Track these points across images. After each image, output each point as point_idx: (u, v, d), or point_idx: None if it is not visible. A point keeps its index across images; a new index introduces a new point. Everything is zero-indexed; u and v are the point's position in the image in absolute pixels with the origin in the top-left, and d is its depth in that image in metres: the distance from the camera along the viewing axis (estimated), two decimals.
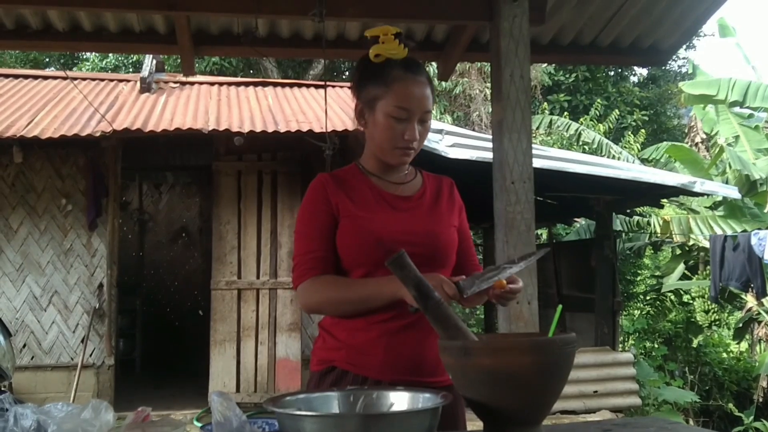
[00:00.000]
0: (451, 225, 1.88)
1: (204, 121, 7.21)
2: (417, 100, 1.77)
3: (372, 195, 1.84)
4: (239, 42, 3.95)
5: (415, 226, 1.80)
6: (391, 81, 1.77)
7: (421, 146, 1.83)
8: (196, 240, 10.69)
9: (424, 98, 1.78)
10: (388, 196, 1.85)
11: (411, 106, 1.76)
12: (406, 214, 1.83)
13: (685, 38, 4.30)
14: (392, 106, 1.76)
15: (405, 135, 1.77)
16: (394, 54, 1.77)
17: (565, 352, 1.28)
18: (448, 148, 6.78)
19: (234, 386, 7.18)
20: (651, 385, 8.56)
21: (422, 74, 1.80)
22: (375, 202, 1.82)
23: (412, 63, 1.80)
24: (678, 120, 19.57)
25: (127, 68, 15.53)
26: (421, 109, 1.77)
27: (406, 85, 1.76)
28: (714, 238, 8.98)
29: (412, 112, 1.76)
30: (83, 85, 9.03)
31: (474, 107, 14.17)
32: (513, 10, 3.34)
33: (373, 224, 1.77)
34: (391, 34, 1.77)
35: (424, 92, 1.78)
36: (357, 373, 1.75)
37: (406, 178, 1.90)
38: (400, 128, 1.77)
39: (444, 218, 1.88)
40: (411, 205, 1.85)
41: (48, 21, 3.81)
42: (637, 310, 12.57)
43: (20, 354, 7.10)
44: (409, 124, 1.77)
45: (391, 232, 1.76)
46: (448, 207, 1.91)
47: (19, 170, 7.33)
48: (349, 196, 1.82)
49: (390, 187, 1.86)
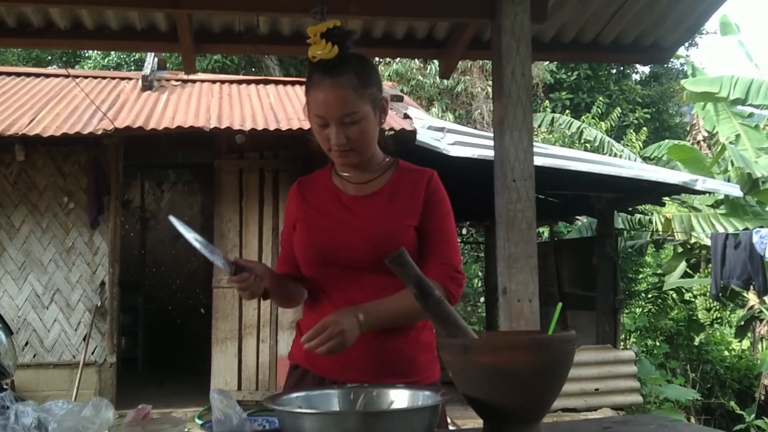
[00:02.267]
0: (402, 225, 1.76)
1: (206, 119, 7.22)
2: (328, 107, 1.67)
3: (328, 197, 1.84)
4: (241, 40, 3.96)
5: (355, 230, 1.76)
6: (310, 86, 1.72)
7: (363, 145, 1.73)
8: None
9: (338, 103, 1.66)
10: (345, 197, 1.82)
11: (324, 113, 1.69)
12: (355, 218, 1.78)
13: (688, 36, 4.29)
14: (312, 112, 1.72)
15: (330, 139, 1.71)
16: (321, 55, 1.67)
17: (565, 349, 1.28)
18: (449, 146, 6.78)
19: (235, 384, 7.19)
20: (652, 383, 8.56)
21: (341, 75, 1.67)
22: (328, 204, 1.83)
23: (329, 65, 1.67)
24: (680, 118, 19.55)
25: (129, 66, 15.53)
26: (336, 115, 1.67)
27: (319, 91, 1.68)
28: (715, 236, 8.97)
29: (327, 118, 1.69)
30: (85, 83, 9.05)
31: (476, 105, 14.16)
32: (514, 7, 3.34)
33: (312, 227, 1.81)
34: (320, 34, 1.67)
35: (340, 95, 1.66)
36: (315, 373, 1.78)
37: (371, 176, 1.82)
38: (326, 133, 1.71)
39: (394, 218, 1.77)
40: (362, 207, 1.79)
41: (50, 19, 3.81)
42: (639, 308, 12.56)
43: (22, 352, 7.11)
44: (331, 129, 1.70)
45: (327, 236, 1.78)
46: (407, 204, 1.78)
47: (21, 168, 7.34)
48: (309, 200, 1.86)
49: (350, 188, 1.83)
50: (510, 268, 3.26)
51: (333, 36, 1.67)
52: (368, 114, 1.71)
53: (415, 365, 1.79)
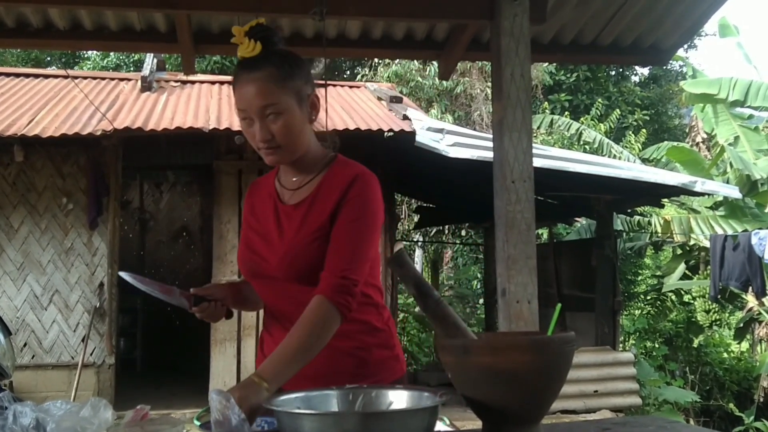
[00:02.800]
0: (314, 238, 1.70)
1: (205, 120, 7.22)
2: (248, 100, 1.66)
3: (269, 207, 1.82)
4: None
5: (274, 247, 1.75)
6: (234, 84, 1.71)
7: (289, 140, 1.70)
8: (197, 239, 10.69)
9: (258, 95, 1.65)
10: (280, 207, 1.80)
11: (245, 106, 1.67)
12: (277, 231, 1.77)
13: (686, 38, 4.30)
14: (237, 109, 1.71)
15: (256, 136, 1.69)
16: (245, 53, 1.68)
17: (564, 350, 1.28)
18: (448, 147, 6.78)
19: (234, 385, 7.18)
20: (651, 385, 8.56)
21: (261, 69, 1.66)
22: (264, 214, 1.83)
23: (249, 60, 1.68)
24: (679, 120, 19.57)
25: (128, 67, 15.54)
26: (256, 107, 1.66)
27: (239, 87, 1.68)
28: (714, 237, 8.98)
29: (249, 112, 1.67)
30: (84, 84, 9.04)
31: (475, 106, 14.16)
32: (514, 9, 3.34)
33: (246, 241, 1.84)
34: (243, 33, 1.69)
35: (258, 87, 1.65)
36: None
37: (303, 180, 1.79)
38: (252, 130, 1.70)
39: (306, 233, 1.71)
40: (287, 220, 1.77)
41: (49, 19, 3.81)
42: (638, 309, 12.57)
43: (21, 353, 7.11)
44: (255, 124, 1.68)
45: (255, 251, 1.79)
46: (321, 211, 1.72)
47: (20, 169, 7.34)
48: (254, 207, 1.87)
49: (286, 195, 1.81)
50: (509, 269, 3.26)
51: (256, 33, 1.70)
52: (291, 107, 1.69)
53: (368, 367, 1.77)
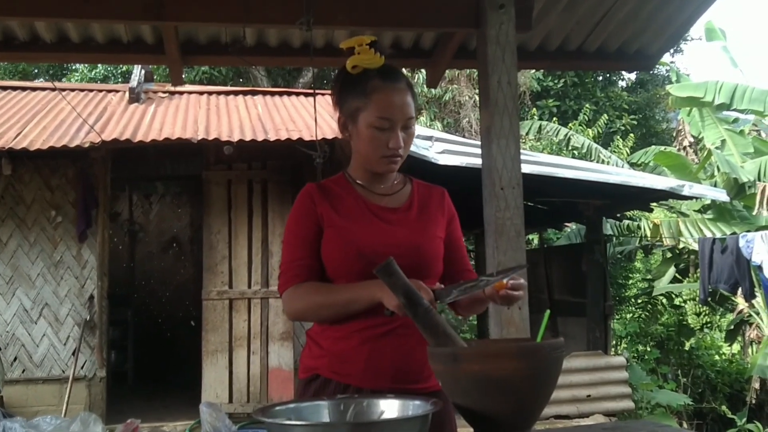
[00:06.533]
0: (436, 236, 1.87)
1: (193, 131, 7.20)
2: (398, 109, 1.77)
3: (357, 205, 1.84)
4: (227, 51, 3.95)
5: (397, 239, 1.80)
6: (370, 92, 1.77)
7: (407, 152, 1.83)
8: (186, 250, 10.65)
9: (405, 105, 1.78)
10: (374, 207, 1.85)
11: (392, 116, 1.76)
12: (390, 226, 1.83)
13: (672, 43, 4.33)
14: (374, 116, 1.76)
15: (389, 143, 1.77)
16: (370, 63, 1.77)
17: (553, 357, 1.28)
18: (437, 154, 6.80)
19: (227, 397, 7.15)
20: (644, 389, 8.58)
21: (401, 81, 1.79)
22: (359, 212, 1.83)
23: (389, 71, 1.79)
24: (666, 124, 19.67)
25: (116, 79, 15.49)
26: (404, 117, 1.77)
27: (385, 95, 1.76)
28: (702, 240, 9.03)
29: (395, 121, 1.77)
30: (72, 96, 9.00)
31: (464, 114, 14.21)
32: (499, 17, 3.35)
33: (355, 235, 1.79)
34: (366, 44, 1.77)
35: (405, 99, 1.78)
36: (339, 381, 1.77)
37: (393, 189, 1.90)
38: (384, 137, 1.77)
39: (429, 230, 1.86)
40: (396, 217, 1.85)
41: (35, 32, 3.80)
42: (629, 313, 12.60)
43: (11, 367, 7.05)
44: (392, 132, 1.77)
45: (373, 244, 1.77)
46: (435, 218, 1.89)
47: (8, 182, 7.30)
48: (334, 206, 1.83)
49: (376, 198, 1.87)
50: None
51: (378, 47, 1.79)
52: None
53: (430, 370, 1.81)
